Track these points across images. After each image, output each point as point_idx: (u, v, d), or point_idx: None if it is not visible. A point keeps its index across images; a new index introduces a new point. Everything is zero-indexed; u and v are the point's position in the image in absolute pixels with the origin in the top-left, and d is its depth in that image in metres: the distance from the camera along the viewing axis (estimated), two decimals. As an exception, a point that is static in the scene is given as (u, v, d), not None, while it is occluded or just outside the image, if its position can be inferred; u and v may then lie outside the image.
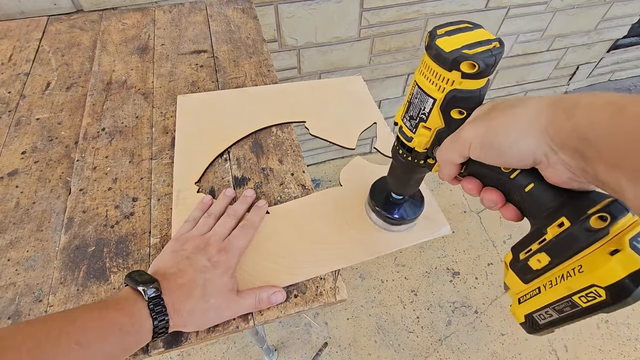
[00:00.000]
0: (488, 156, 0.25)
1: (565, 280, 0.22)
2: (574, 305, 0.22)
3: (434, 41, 0.26)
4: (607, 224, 0.20)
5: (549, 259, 0.23)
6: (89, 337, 0.29)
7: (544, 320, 0.25)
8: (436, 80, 0.27)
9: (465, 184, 0.29)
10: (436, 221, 0.46)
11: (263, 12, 0.93)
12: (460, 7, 1.11)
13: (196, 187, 0.48)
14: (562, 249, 0.22)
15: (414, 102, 0.30)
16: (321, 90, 0.62)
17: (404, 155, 0.34)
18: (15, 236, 0.44)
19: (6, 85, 0.60)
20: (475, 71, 0.25)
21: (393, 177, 0.40)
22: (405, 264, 1.31)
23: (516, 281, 0.27)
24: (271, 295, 0.38)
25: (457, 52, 0.25)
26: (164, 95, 0.60)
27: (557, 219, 0.23)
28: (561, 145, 0.21)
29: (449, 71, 0.26)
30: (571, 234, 0.22)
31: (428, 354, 1.13)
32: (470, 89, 0.27)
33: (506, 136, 0.23)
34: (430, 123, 0.30)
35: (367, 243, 0.44)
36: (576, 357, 1.12)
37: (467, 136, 0.26)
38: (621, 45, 1.56)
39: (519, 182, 0.25)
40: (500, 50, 0.25)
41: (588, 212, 0.21)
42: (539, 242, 0.24)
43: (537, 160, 0.23)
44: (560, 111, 0.21)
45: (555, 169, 0.22)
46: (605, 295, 0.20)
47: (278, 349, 1.13)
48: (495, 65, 0.26)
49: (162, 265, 0.37)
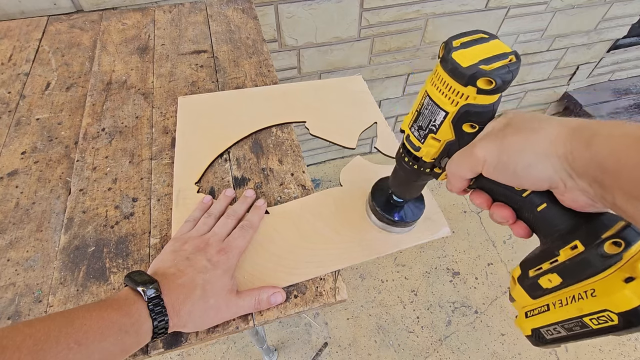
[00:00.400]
0: (502, 176, 0.25)
1: (577, 302, 0.22)
2: (584, 325, 0.22)
3: (450, 54, 0.25)
4: (621, 250, 0.20)
5: (560, 280, 0.23)
6: (88, 337, 0.29)
7: (551, 336, 0.25)
8: (449, 94, 0.26)
9: (474, 197, 0.29)
10: (436, 222, 0.46)
11: (263, 12, 0.93)
12: (460, 7, 1.11)
13: (196, 188, 0.48)
14: (575, 272, 0.22)
15: (424, 112, 0.29)
16: (321, 90, 0.62)
17: (410, 163, 0.34)
18: (15, 236, 0.44)
19: (6, 85, 0.60)
20: (492, 87, 0.25)
21: (395, 181, 0.40)
22: (405, 264, 1.31)
23: (524, 296, 0.27)
24: (271, 295, 0.38)
25: (474, 67, 0.24)
26: (164, 96, 0.60)
27: (570, 242, 0.23)
28: (580, 173, 0.21)
29: (464, 86, 0.25)
30: (585, 259, 0.22)
31: (428, 354, 1.13)
32: (484, 103, 0.26)
33: (522, 158, 0.23)
34: (441, 135, 0.29)
35: (367, 243, 0.44)
36: (576, 357, 1.12)
37: (481, 154, 0.25)
38: (621, 45, 1.56)
39: (531, 201, 0.25)
40: (517, 66, 0.25)
41: (602, 237, 0.21)
42: (550, 262, 0.24)
43: (554, 185, 0.23)
44: (580, 139, 0.21)
45: (573, 194, 0.22)
46: (618, 320, 0.20)
47: (278, 349, 1.13)
48: (512, 82, 0.25)
49: (162, 266, 0.37)
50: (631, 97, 1.70)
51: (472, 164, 0.26)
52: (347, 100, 0.61)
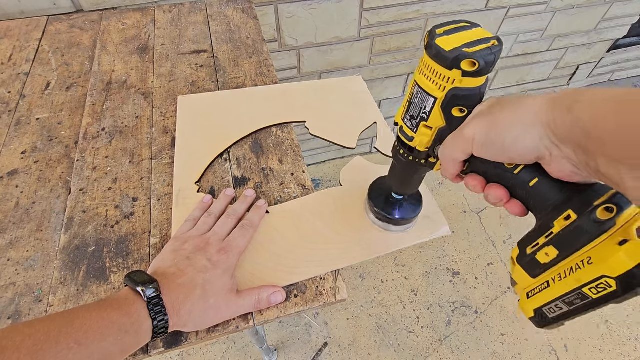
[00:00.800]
0: (491, 152, 0.25)
1: (575, 273, 0.22)
2: (584, 297, 0.22)
3: (434, 40, 0.26)
4: (613, 215, 0.21)
5: (557, 252, 0.24)
6: (88, 337, 0.29)
7: (553, 313, 0.25)
8: (436, 79, 0.27)
9: (468, 181, 0.29)
10: (436, 222, 0.46)
11: (263, 12, 0.93)
12: (460, 7, 1.11)
13: (196, 187, 0.48)
14: (570, 242, 0.23)
15: (415, 101, 0.30)
16: (321, 90, 0.62)
17: (405, 155, 0.34)
18: (15, 236, 0.44)
19: (6, 85, 0.60)
20: (476, 69, 0.25)
21: (394, 176, 0.40)
22: (405, 264, 1.31)
23: (524, 276, 0.27)
24: (271, 295, 0.38)
25: (457, 50, 0.25)
26: (164, 95, 0.60)
27: (563, 212, 0.23)
28: (563, 140, 0.21)
29: (449, 70, 0.26)
30: (578, 227, 0.22)
31: (428, 354, 1.13)
32: (470, 87, 0.27)
33: (509, 132, 0.24)
34: (432, 122, 0.30)
35: (367, 243, 0.44)
36: (576, 357, 1.12)
37: (470, 133, 0.26)
38: (621, 45, 1.56)
39: (523, 177, 0.25)
40: (499, 48, 0.26)
41: (594, 204, 0.22)
42: (545, 235, 0.24)
43: (540, 155, 0.23)
44: (562, 106, 0.21)
45: (558, 163, 0.22)
46: (616, 285, 0.20)
47: (278, 349, 1.13)
48: (495, 63, 0.26)
49: (162, 265, 0.37)
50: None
51: (462, 145, 0.27)
52: (347, 100, 0.61)
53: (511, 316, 1.19)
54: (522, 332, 1.16)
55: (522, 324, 1.17)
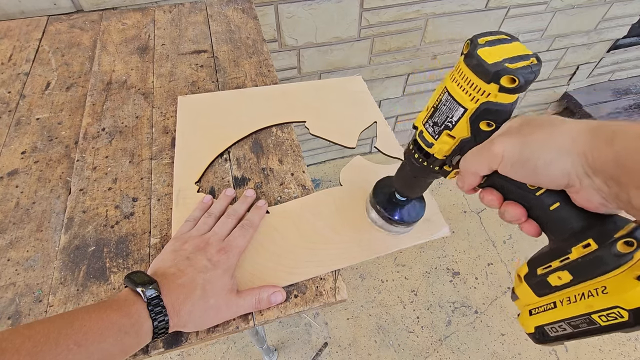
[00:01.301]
0: (520, 172, 0.25)
1: (587, 299, 0.23)
2: (592, 322, 0.22)
3: (476, 50, 0.25)
4: (633, 250, 0.21)
5: (571, 277, 0.24)
6: (88, 338, 0.29)
7: (556, 333, 0.25)
8: (470, 90, 0.26)
9: (485, 195, 0.29)
10: (435, 222, 0.46)
11: (263, 12, 0.93)
12: (461, 7, 1.11)
13: (196, 187, 0.48)
14: (587, 270, 0.23)
15: (442, 108, 0.29)
16: (321, 90, 0.62)
17: (420, 159, 0.34)
18: (15, 236, 0.44)
19: (6, 85, 0.60)
20: (515, 86, 0.25)
21: (401, 178, 0.40)
22: (405, 264, 1.31)
23: (529, 294, 0.27)
24: (271, 295, 0.38)
25: (499, 65, 0.25)
26: (164, 95, 0.60)
27: (582, 240, 0.23)
28: (597, 171, 0.21)
29: (487, 83, 0.25)
30: (598, 257, 0.22)
31: (428, 354, 1.13)
32: (503, 102, 0.26)
33: (543, 154, 0.23)
34: (456, 132, 0.29)
35: (367, 243, 0.44)
36: (576, 357, 1.12)
37: (499, 150, 0.25)
38: (621, 45, 1.56)
39: (544, 200, 0.25)
40: (538, 67, 0.25)
41: (615, 236, 0.22)
42: (560, 260, 0.24)
43: (571, 182, 0.23)
44: (601, 137, 0.21)
45: (587, 193, 0.22)
46: (629, 317, 0.21)
47: (278, 349, 1.13)
48: (533, 82, 0.25)
49: (162, 265, 0.37)
50: (631, 97, 1.70)
51: (489, 160, 0.26)
52: (346, 100, 0.61)
53: (511, 316, 1.19)
54: (522, 332, 1.16)
55: (522, 324, 1.17)
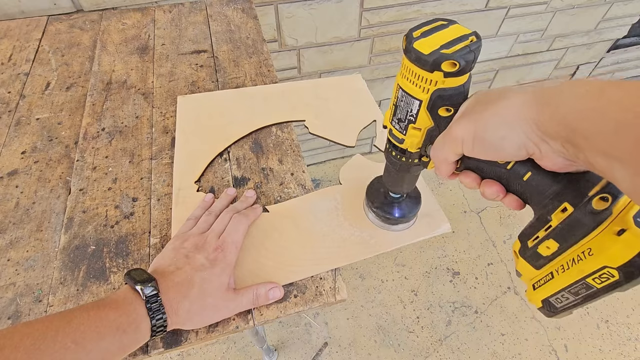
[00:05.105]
0: (481, 152, 0.25)
1: (577, 264, 0.23)
2: (589, 286, 0.22)
3: (412, 44, 0.26)
4: (609, 204, 0.21)
5: (557, 245, 0.24)
6: (85, 336, 0.29)
7: (561, 303, 0.25)
8: (419, 82, 0.27)
9: (463, 178, 0.29)
10: (436, 219, 0.46)
11: (263, 12, 0.93)
12: (460, 7, 1.11)
13: (196, 186, 0.48)
14: (569, 234, 0.23)
15: (400, 105, 0.30)
16: (321, 89, 0.62)
17: (398, 156, 0.35)
18: (15, 236, 0.44)
19: (6, 85, 0.61)
20: (457, 69, 0.25)
21: (388, 177, 0.40)
22: (405, 264, 1.31)
23: (528, 268, 0.27)
24: (269, 290, 0.38)
25: (436, 53, 0.25)
26: (164, 95, 0.60)
27: (559, 205, 0.23)
28: (551, 136, 0.21)
29: (430, 72, 0.26)
30: (576, 219, 0.22)
31: (428, 354, 1.13)
32: (454, 86, 0.27)
33: (495, 132, 0.23)
34: (420, 123, 0.30)
35: (366, 241, 0.44)
36: (576, 357, 1.12)
37: (457, 134, 0.26)
38: (621, 45, 1.55)
39: (516, 172, 0.26)
40: (478, 44, 0.25)
41: (589, 195, 0.22)
42: (545, 229, 0.24)
43: (530, 151, 0.23)
44: (545, 102, 0.21)
45: (550, 157, 0.22)
46: (619, 275, 0.20)
47: (278, 349, 1.13)
48: (475, 60, 0.26)
49: (162, 263, 0.37)
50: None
51: (452, 146, 0.27)
52: (346, 99, 0.61)
53: (511, 316, 1.19)
54: (522, 332, 1.16)
55: (522, 324, 1.17)
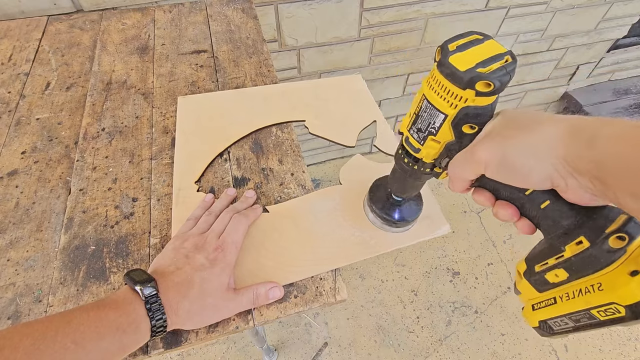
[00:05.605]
0: (504, 177, 0.25)
1: (584, 295, 0.23)
2: (592, 317, 0.23)
3: (447, 58, 0.25)
4: (625, 244, 0.21)
5: (567, 275, 0.24)
6: (85, 337, 0.29)
7: (559, 327, 0.25)
8: (448, 97, 0.26)
9: (476, 196, 0.29)
10: (436, 220, 0.46)
11: (263, 12, 0.93)
12: (460, 7, 1.11)
13: (196, 187, 0.48)
14: (582, 267, 0.23)
15: (423, 115, 0.29)
16: (321, 89, 0.62)
17: (410, 164, 0.34)
18: (15, 236, 0.44)
19: (6, 85, 0.60)
20: (491, 90, 0.25)
21: (395, 181, 0.40)
22: (405, 264, 1.31)
23: (530, 289, 0.27)
24: (269, 290, 0.38)
25: (472, 71, 0.25)
26: (164, 95, 0.60)
27: (575, 238, 0.23)
28: (581, 172, 0.21)
29: (463, 90, 0.25)
30: (591, 254, 0.22)
31: (428, 354, 1.13)
32: (482, 105, 0.26)
33: (524, 160, 0.23)
34: (440, 137, 0.29)
35: (366, 241, 0.44)
36: (576, 357, 1.12)
37: (482, 156, 0.25)
38: (621, 45, 1.55)
39: (534, 198, 0.25)
40: (513, 66, 0.25)
41: (606, 232, 0.22)
42: (556, 257, 0.24)
43: (555, 183, 0.23)
44: (579, 139, 0.21)
45: (575, 191, 0.22)
46: (625, 312, 0.21)
47: (278, 349, 1.13)
48: (509, 82, 0.25)
49: (162, 263, 0.37)
50: (631, 97, 1.70)
51: (474, 166, 0.26)
52: (346, 99, 0.61)
53: (511, 316, 1.19)
54: (522, 332, 1.16)
55: (522, 324, 1.17)
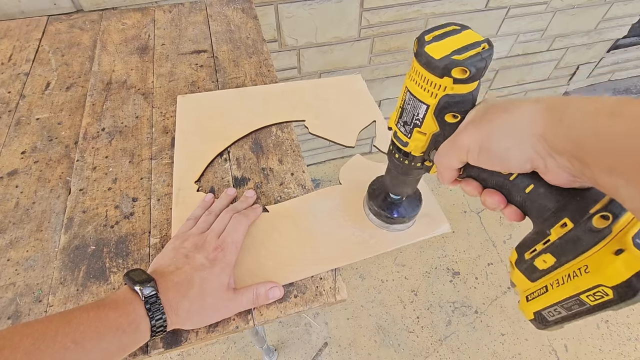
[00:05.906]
0: (486, 162, 0.25)
1: (572, 280, 0.22)
2: (582, 303, 0.22)
3: (423, 48, 0.26)
4: (609, 223, 0.20)
5: (554, 260, 0.24)
6: (85, 337, 0.29)
7: (553, 317, 0.25)
8: (428, 87, 0.27)
9: (464, 185, 0.29)
10: (436, 219, 0.46)
11: (263, 12, 0.93)
12: (460, 7, 1.11)
13: (196, 186, 0.48)
14: (567, 250, 0.23)
15: (407, 108, 0.30)
16: (321, 89, 0.62)
17: (401, 159, 0.34)
18: (15, 236, 0.44)
19: (6, 85, 0.60)
20: (467, 76, 0.25)
21: (390, 179, 0.40)
22: (405, 264, 1.31)
23: (523, 279, 0.27)
24: (269, 290, 0.38)
25: (447, 58, 0.25)
26: (164, 95, 0.60)
27: (559, 220, 0.23)
28: (558, 151, 0.21)
29: (440, 78, 0.26)
30: (575, 235, 0.22)
31: (428, 354, 1.13)
32: (462, 92, 0.27)
33: (502, 143, 0.24)
34: (425, 128, 0.30)
35: (366, 241, 0.44)
36: (576, 357, 1.12)
37: (464, 142, 0.26)
38: (621, 45, 1.55)
39: (518, 183, 0.25)
40: (489, 52, 0.25)
41: (590, 212, 0.21)
42: (543, 242, 0.24)
43: (535, 165, 0.23)
44: (554, 117, 0.21)
45: (555, 172, 0.22)
46: (613, 294, 0.20)
47: (278, 349, 1.13)
48: (486, 68, 0.26)
49: (162, 263, 0.37)
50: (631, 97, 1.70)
51: (457, 154, 0.27)
52: (346, 99, 0.61)
53: (511, 316, 1.19)
54: (522, 332, 1.16)
55: (522, 324, 1.17)
